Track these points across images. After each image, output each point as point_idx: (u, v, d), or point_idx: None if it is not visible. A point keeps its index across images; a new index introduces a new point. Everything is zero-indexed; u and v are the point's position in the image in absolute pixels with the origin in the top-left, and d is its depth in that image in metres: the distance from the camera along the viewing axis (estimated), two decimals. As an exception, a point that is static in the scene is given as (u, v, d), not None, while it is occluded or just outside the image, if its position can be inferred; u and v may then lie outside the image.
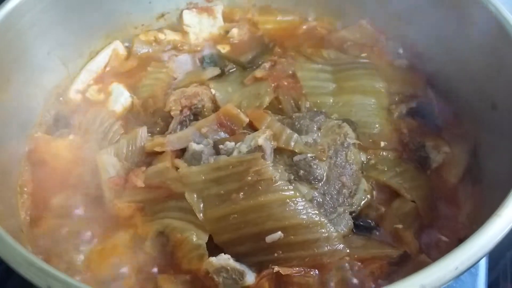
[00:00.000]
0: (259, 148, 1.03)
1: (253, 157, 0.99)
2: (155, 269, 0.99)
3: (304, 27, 1.54)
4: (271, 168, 0.99)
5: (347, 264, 0.96)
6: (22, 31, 1.19)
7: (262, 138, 1.04)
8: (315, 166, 1.05)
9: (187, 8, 1.57)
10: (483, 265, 1.28)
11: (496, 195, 0.83)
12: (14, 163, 1.17)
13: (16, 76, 1.18)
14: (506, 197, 0.76)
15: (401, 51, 1.40)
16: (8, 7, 1.13)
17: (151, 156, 1.13)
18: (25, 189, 1.15)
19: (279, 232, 0.94)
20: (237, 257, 0.95)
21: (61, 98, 1.36)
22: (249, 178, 0.97)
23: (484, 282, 1.26)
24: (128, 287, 0.96)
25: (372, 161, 1.14)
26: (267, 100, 1.23)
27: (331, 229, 0.96)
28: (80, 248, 1.01)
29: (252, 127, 1.14)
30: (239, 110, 1.14)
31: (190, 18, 1.55)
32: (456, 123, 1.24)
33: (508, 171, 0.86)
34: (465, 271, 0.67)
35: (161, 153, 1.11)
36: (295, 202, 0.97)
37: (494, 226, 0.71)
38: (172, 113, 1.21)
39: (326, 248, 0.95)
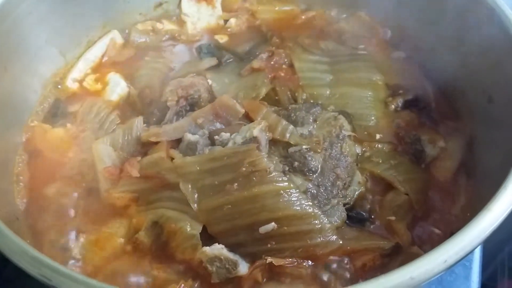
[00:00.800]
0: (254, 139, 1.03)
1: (248, 148, 1.00)
2: (149, 259, 0.99)
3: (303, 17, 1.53)
4: (265, 159, 0.99)
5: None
6: (19, 19, 1.18)
7: (257, 130, 1.04)
8: (309, 158, 1.05)
9: (186, -3, 1.56)
10: (477, 259, 1.29)
11: (489, 189, 0.82)
12: (11, 152, 1.18)
13: (13, 65, 1.18)
14: (497, 192, 0.76)
15: (399, 43, 1.40)
16: (4, -4, 1.13)
17: (147, 146, 1.14)
18: (21, 177, 1.15)
19: (273, 223, 0.94)
20: (231, 248, 0.96)
21: (58, 87, 1.35)
22: (244, 169, 0.98)
23: (478, 275, 1.27)
24: (123, 276, 0.97)
25: (367, 154, 1.14)
26: (263, 91, 1.23)
27: (325, 221, 0.96)
28: (75, 238, 1.02)
29: (248, 118, 1.14)
30: (234, 101, 1.14)
31: (189, 7, 1.54)
32: (452, 116, 1.24)
33: (501, 164, 0.86)
34: (454, 265, 0.67)
35: (157, 143, 1.12)
36: (289, 193, 0.97)
37: (484, 221, 0.72)
38: (168, 104, 1.21)
39: (319, 239, 0.95)
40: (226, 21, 1.53)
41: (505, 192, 0.75)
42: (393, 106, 1.23)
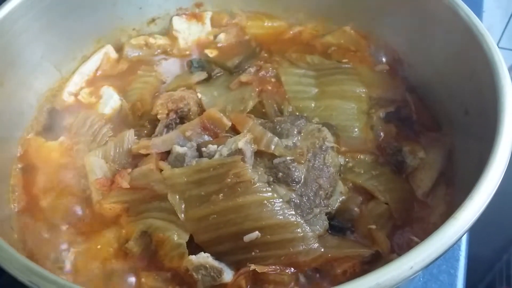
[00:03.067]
0: (239, 151, 1.07)
1: (233, 160, 1.03)
2: (138, 267, 1.03)
3: (291, 32, 1.57)
4: (250, 170, 1.02)
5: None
6: (15, 36, 1.23)
7: (242, 142, 1.08)
8: (293, 169, 1.09)
9: (177, 14, 1.60)
10: (462, 266, 1.31)
11: (464, 198, 0.86)
12: (7, 164, 1.22)
13: (9, 80, 1.22)
14: (464, 200, 0.79)
15: (382, 57, 1.44)
16: (0, 14, 1.17)
17: (137, 159, 1.17)
18: (16, 188, 1.19)
19: (257, 232, 0.97)
20: (217, 256, 0.99)
21: (54, 101, 1.39)
22: (229, 180, 1.01)
23: (462, 282, 1.29)
24: (113, 285, 1.00)
25: (350, 164, 1.17)
26: (250, 104, 1.27)
27: (307, 229, 1.00)
28: (67, 248, 1.05)
29: (235, 131, 1.18)
30: (221, 114, 1.18)
31: (179, 23, 1.58)
32: (433, 127, 1.27)
33: (474, 174, 0.90)
34: (419, 271, 0.70)
35: (147, 155, 1.15)
36: (272, 203, 1.00)
37: (450, 229, 0.75)
38: (158, 117, 1.25)
39: (301, 247, 0.98)
40: (216, 36, 1.57)
41: (471, 201, 0.79)
42: (375, 118, 1.26)
